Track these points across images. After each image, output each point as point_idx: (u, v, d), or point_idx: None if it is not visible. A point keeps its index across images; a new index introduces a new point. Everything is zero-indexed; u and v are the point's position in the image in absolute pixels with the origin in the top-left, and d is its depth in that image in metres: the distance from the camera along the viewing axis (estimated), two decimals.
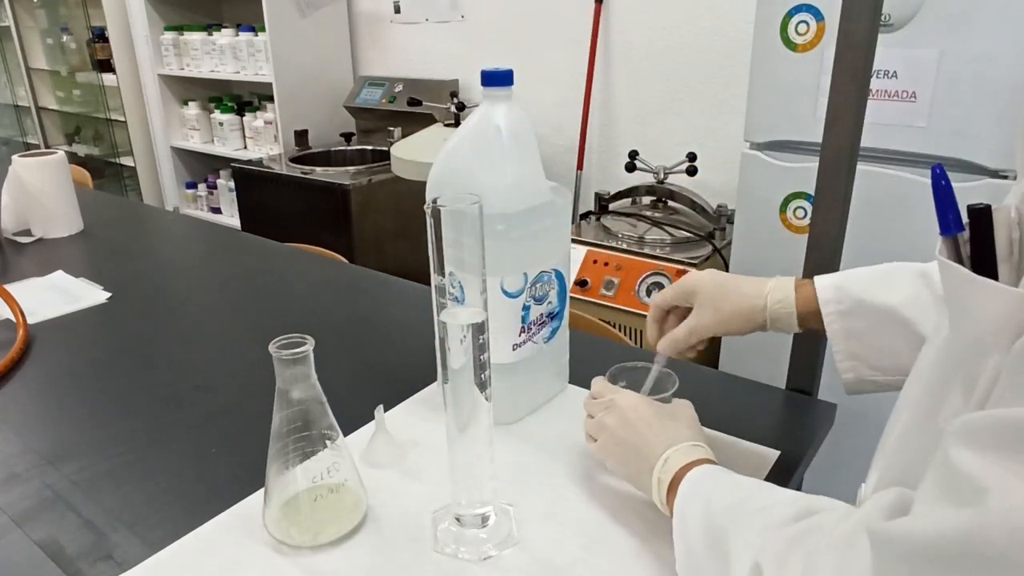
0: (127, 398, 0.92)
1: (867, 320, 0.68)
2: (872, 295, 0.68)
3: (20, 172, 1.49)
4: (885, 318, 0.67)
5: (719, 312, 0.72)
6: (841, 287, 0.69)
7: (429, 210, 0.57)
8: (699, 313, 0.73)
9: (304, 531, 0.66)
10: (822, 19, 1.41)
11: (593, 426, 0.70)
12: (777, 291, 0.71)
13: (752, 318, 0.71)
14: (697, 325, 0.73)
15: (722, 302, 0.72)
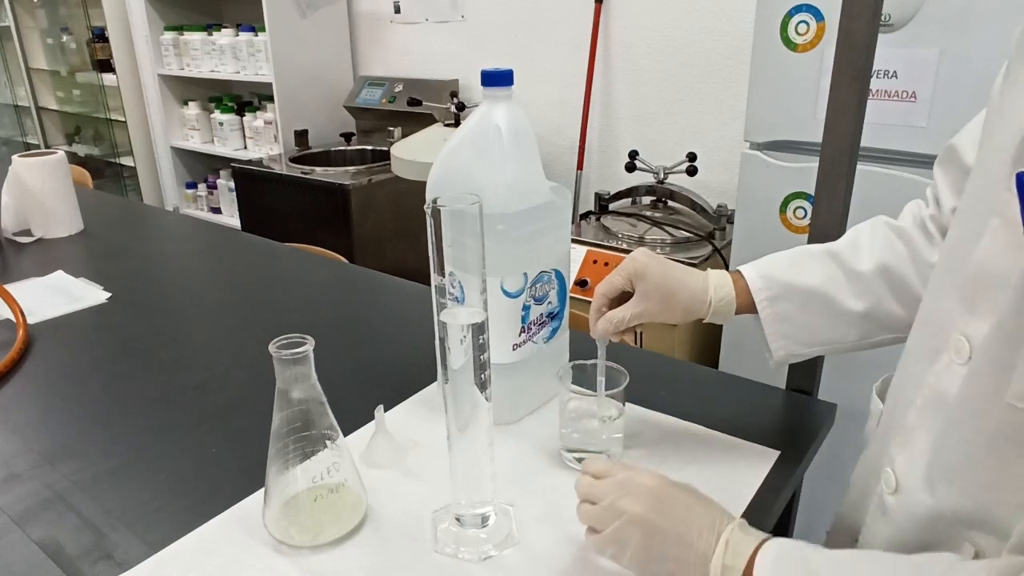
0: (127, 398, 0.92)
1: (794, 302, 0.73)
2: (796, 279, 0.73)
3: (20, 172, 1.49)
4: (809, 298, 0.73)
5: (665, 304, 0.73)
6: (767, 275, 0.74)
7: (429, 210, 0.57)
8: (644, 300, 0.73)
9: (304, 531, 0.66)
10: (822, 19, 1.41)
11: (598, 514, 0.59)
12: (720, 288, 0.74)
13: (695, 311, 0.74)
14: (643, 312, 0.73)
15: (669, 297, 0.73)
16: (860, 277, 0.71)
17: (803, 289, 0.73)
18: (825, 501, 1.69)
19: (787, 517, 0.89)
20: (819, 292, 0.72)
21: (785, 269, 0.74)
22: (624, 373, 0.75)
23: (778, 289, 0.73)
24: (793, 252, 0.76)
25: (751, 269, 0.75)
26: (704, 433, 0.82)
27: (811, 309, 0.73)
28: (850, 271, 0.72)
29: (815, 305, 0.72)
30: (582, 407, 0.77)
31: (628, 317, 0.73)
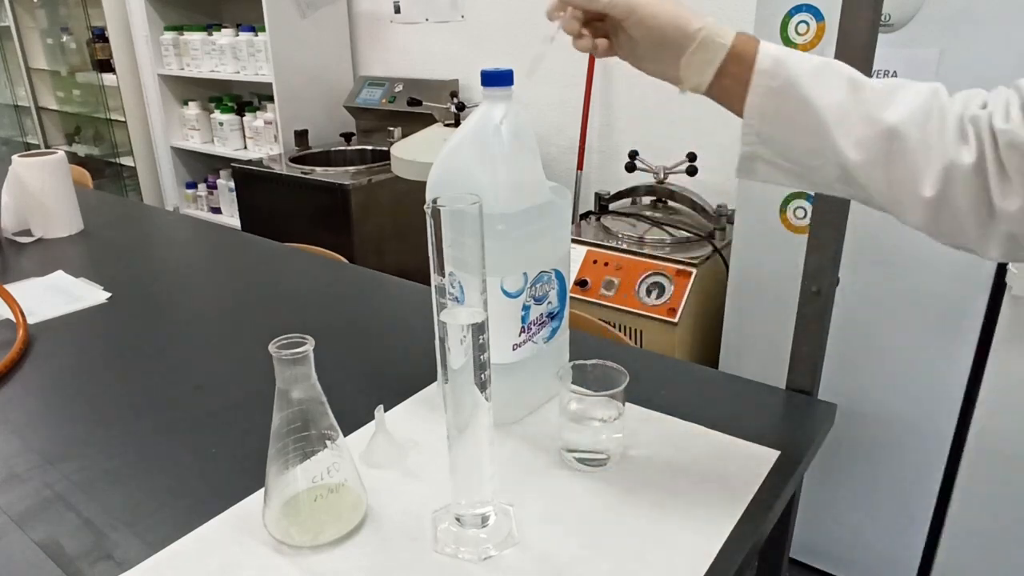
0: (127, 398, 0.92)
1: (790, 107, 0.62)
2: (807, 87, 0.61)
3: (20, 172, 1.49)
4: (806, 114, 0.61)
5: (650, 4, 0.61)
6: (782, 63, 0.61)
7: (429, 210, 0.57)
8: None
9: (304, 531, 0.66)
10: (822, 19, 1.41)
11: None
12: (716, 23, 0.63)
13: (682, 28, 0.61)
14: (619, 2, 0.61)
15: None
16: (872, 126, 0.59)
17: (806, 100, 0.61)
18: (825, 501, 1.69)
19: (787, 517, 0.89)
20: (820, 115, 0.61)
21: (803, 70, 0.61)
22: (624, 373, 0.75)
23: (783, 83, 0.61)
24: (818, 61, 0.62)
25: (770, 47, 0.62)
26: (704, 433, 0.82)
27: (801, 125, 0.62)
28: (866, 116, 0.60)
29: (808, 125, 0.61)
30: (582, 407, 0.77)
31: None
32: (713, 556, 0.64)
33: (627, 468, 0.76)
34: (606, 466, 0.76)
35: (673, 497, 0.72)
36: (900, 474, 1.55)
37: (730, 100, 0.64)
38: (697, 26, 0.61)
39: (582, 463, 0.76)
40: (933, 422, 1.48)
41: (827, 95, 0.60)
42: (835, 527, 1.68)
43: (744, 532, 0.67)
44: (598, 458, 0.76)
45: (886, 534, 1.62)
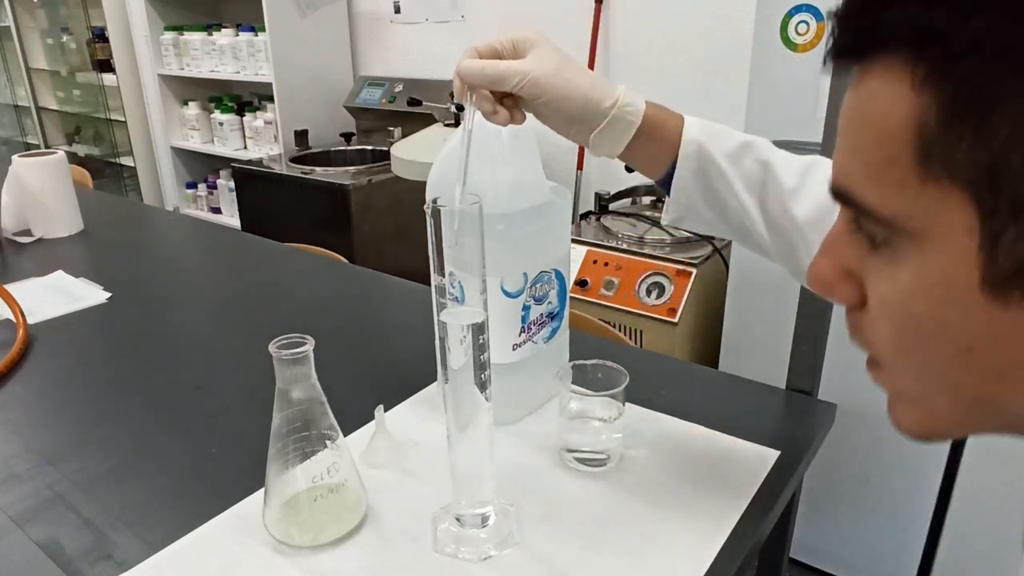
0: (127, 398, 0.92)
1: (713, 191, 0.66)
2: (728, 174, 0.65)
3: (20, 172, 1.49)
4: (727, 198, 0.66)
5: (559, 74, 0.60)
6: (704, 149, 0.65)
7: (429, 210, 0.57)
8: (535, 62, 0.60)
9: (304, 531, 0.66)
10: (822, 19, 1.41)
11: None
12: (628, 96, 0.63)
13: (594, 101, 0.61)
14: (528, 74, 0.59)
15: (568, 68, 0.61)
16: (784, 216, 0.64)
17: (729, 190, 0.65)
18: (825, 501, 1.69)
19: (787, 517, 0.89)
20: (741, 202, 0.65)
21: (724, 154, 0.66)
22: (624, 373, 0.75)
23: (704, 164, 0.65)
24: (739, 144, 0.67)
25: (694, 128, 0.66)
26: (704, 433, 0.82)
27: (722, 202, 0.66)
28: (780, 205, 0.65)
29: (728, 201, 0.66)
30: (582, 407, 0.77)
31: (507, 69, 0.59)
32: (713, 556, 0.64)
33: (627, 468, 0.76)
34: (606, 466, 0.76)
35: (673, 497, 0.72)
36: (900, 474, 1.55)
37: (644, 167, 0.68)
38: (607, 104, 0.62)
39: (582, 463, 0.76)
40: None
41: (745, 179, 0.65)
42: (835, 527, 1.68)
43: (744, 532, 0.67)
44: (598, 458, 0.76)
45: (886, 534, 1.62)
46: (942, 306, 0.33)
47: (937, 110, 0.30)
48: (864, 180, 0.34)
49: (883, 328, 0.37)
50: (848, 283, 0.38)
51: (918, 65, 0.30)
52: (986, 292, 0.31)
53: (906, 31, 0.31)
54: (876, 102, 0.33)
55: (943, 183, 0.31)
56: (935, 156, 0.31)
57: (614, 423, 0.76)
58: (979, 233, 0.30)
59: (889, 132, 0.32)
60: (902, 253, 0.34)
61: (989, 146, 0.29)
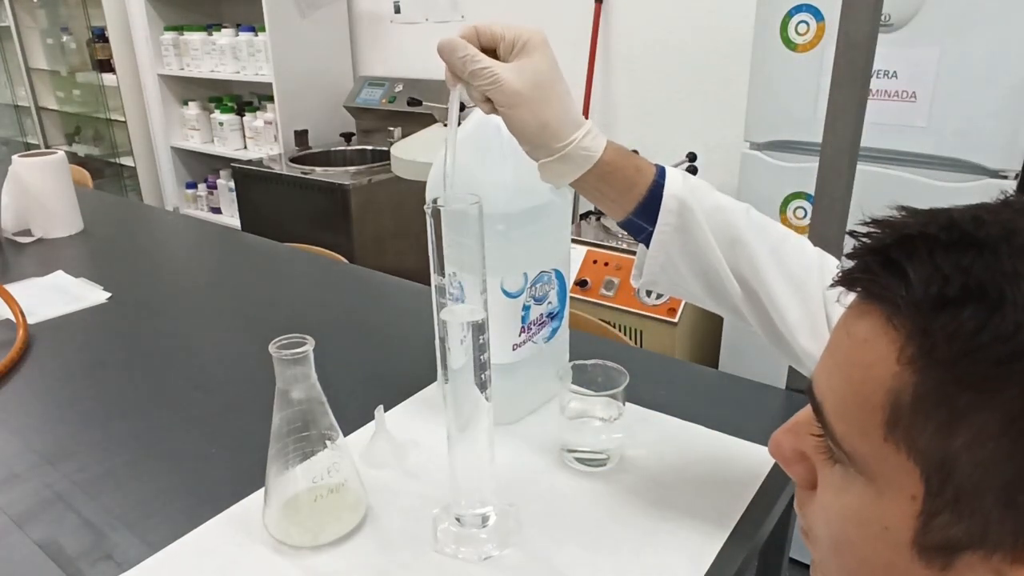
0: (127, 398, 0.92)
1: (692, 247, 0.64)
2: (708, 231, 0.64)
3: (20, 172, 1.49)
4: (706, 255, 0.64)
5: (531, 97, 0.59)
6: (686, 206, 0.63)
7: (429, 210, 0.57)
8: (516, 72, 0.58)
9: (304, 531, 0.66)
10: (822, 19, 1.41)
11: None
12: (588, 139, 0.61)
13: (558, 127, 0.60)
14: (501, 81, 0.58)
15: (540, 92, 0.59)
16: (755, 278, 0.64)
17: (709, 246, 0.64)
18: None
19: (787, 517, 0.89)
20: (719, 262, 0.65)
21: (704, 211, 0.63)
22: (624, 373, 0.75)
23: (686, 222, 0.63)
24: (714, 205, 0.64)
25: (676, 183, 0.63)
26: (704, 433, 0.82)
27: (699, 266, 0.65)
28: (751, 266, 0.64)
29: (704, 265, 0.65)
30: (582, 407, 0.77)
31: (486, 65, 0.58)
32: (713, 556, 0.64)
33: (627, 468, 0.76)
34: (606, 466, 0.76)
35: (673, 497, 0.72)
36: None
37: (601, 204, 0.65)
38: (561, 143, 0.60)
39: (582, 463, 0.76)
40: None
41: (721, 238, 0.64)
42: None
43: (744, 532, 0.67)
44: (598, 458, 0.76)
45: None
46: (875, 541, 0.35)
47: (913, 393, 0.32)
48: (835, 410, 0.36)
49: (820, 526, 0.39)
50: (803, 465, 0.40)
51: (909, 345, 0.32)
52: (914, 550, 0.34)
53: (907, 312, 0.32)
54: (867, 349, 0.34)
55: (902, 452, 0.33)
56: (901, 429, 0.33)
57: (614, 423, 0.76)
58: (921, 503, 0.33)
59: (868, 385, 0.34)
60: (852, 481, 0.36)
61: (947, 444, 0.31)
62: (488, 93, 0.59)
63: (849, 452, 0.35)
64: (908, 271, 0.32)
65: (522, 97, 0.58)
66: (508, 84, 0.58)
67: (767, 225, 0.67)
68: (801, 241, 0.68)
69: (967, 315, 0.30)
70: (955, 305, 0.30)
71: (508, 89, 0.58)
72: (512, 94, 0.58)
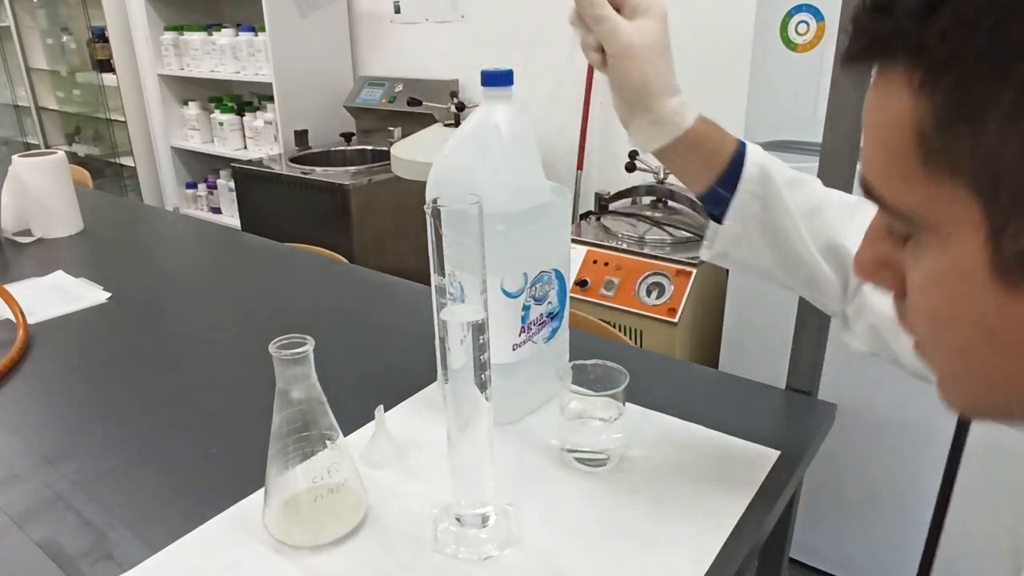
0: (127, 398, 0.92)
1: (770, 216, 0.66)
2: (787, 198, 0.65)
3: (20, 172, 1.49)
4: (784, 224, 0.66)
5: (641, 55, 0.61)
6: (767, 172, 0.65)
7: (429, 210, 0.57)
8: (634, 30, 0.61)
9: (304, 531, 0.66)
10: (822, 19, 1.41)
11: None
12: (682, 107, 0.64)
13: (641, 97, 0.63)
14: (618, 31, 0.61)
15: (651, 54, 0.62)
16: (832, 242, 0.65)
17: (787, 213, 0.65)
18: (825, 501, 1.69)
19: (787, 517, 0.89)
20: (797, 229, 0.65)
21: (783, 182, 0.66)
22: (624, 373, 0.75)
23: (765, 190, 0.65)
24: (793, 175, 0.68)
25: (757, 153, 0.66)
26: (704, 433, 0.82)
27: (776, 233, 0.66)
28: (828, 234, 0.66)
29: (783, 233, 0.65)
30: (582, 407, 0.77)
31: (607, 21, 0.61)
32: (713, 556, 0.64)
33: (627, 468, 0.76)
34: (606, 466, 0.76)
35: (673, 497, 0.72)
36: (900, 474, 1.55)
37: (682, 175, 0.68)
38: (656, 105, 0.63)
39: (582, 463, 0.76)
40: (933, 422, 1.48)
41: (801, 207, 0.66)
42: (835, 527, 1.68)
43: (744, 532, 0.67)
44: (598, 458, 0.76)
45: (886, 534, 1.62)
46: (959, 294, 0.35)
47: (932, 113, 0.32)
48: (879, 176, 0.37)
49: (917, 315, 0.39)
50: (887, 271, 0.40)
51: (914, 73, 0.33)
52: (996, 280, 0.33)
53: (900, 43, 0.33)
54: (884, 104, 0.35)
55: (946, 180, 0.33)
56: (935, 155, 0.33)
57: (614, 423, 0.76)
58: (985, 226, 0.32)
59: (894, 133, 0.34)
60: (923, 245, 0.36)
61: (982, 146, 0.31)
62: (605, 41, 0.62)
63: (906, 213, 0.36)
64: (890, 6, 0.33)
65: (634, 51, 0.61)
66: (625, 36, 0.61)
67: (843, 194, 0.69)
68: None
69: (949, 8, 0.30)
70: (937, 5, 0.31)
71: (624, 40, 0.61)
72: (627, 46, 0.61)
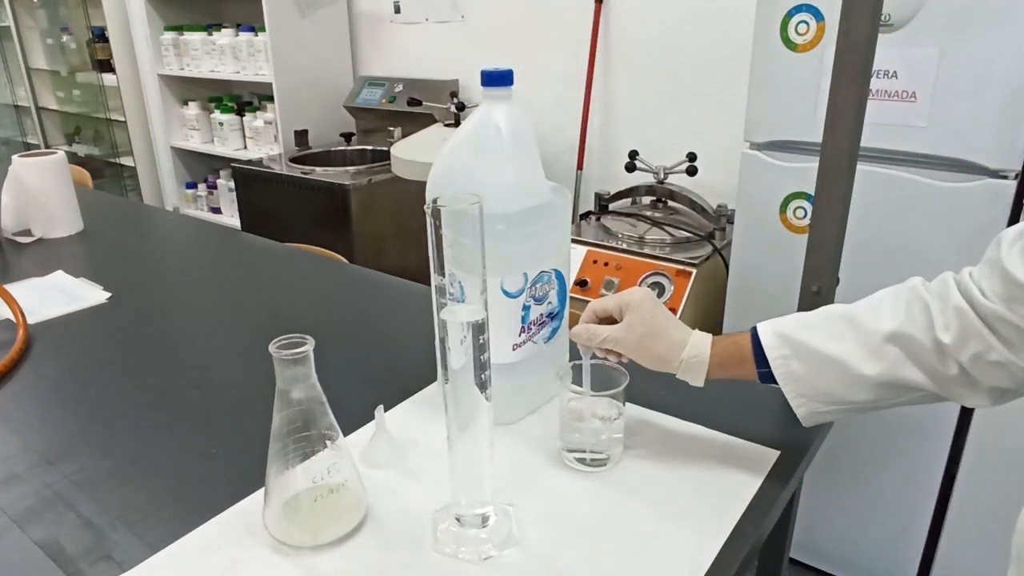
0: (127, 398, 0.92)
1: (805, 363, 0.71)
2: (808, 339, 0.72)
3: (20, 172, 1.49)
4: (821, 361, 0.71)
5: (642, 343, 0.75)
6: (781, 334, 0.73)
7: (429, 210, 0.57)
8: (626, 330, 0.75)
9: (304, 531, 0.66)
10: (822, 19, 1.41)
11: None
12: (696, 347, 0.75)
13: (668, 362, 0.75)
14: (620, 339, 0.75)
15: (649, 337, 0.75)
16: (873, 339, 0.68)
17: (814, 350, 0.71)
18: (825, 501, 1.69)
19: (787, 517, 0.89)
20: (830, 355, 0.70)
21: (799, 329, 0.73)
22: (624, 373, 0.75)
23: (790, 348, 0.72)
24: (811, 313, 0.74)
25: (767, 326, 0.74)
26: (704, 433, 0.82)
27: (823, 371, 0.71)
28: (865, 333, 0.69)
29: (828, 368, 0.70)
30: (582, 407, 0.77)
31: (604, 335, 0.75)
32: (713, 556, 0.64)
33: (627, 468, 0.76)
34: (606, 466, 0.76)
35: (673, 497, 0.72)
36: (900, 474, 1.55)
37: (740, 377, 0.75)
38: (676, 362, 0.74)
39: (582, 463, 0.76)
40: (933, 422, 1.48)
41: (829, 338, 0.71)
42: (835, 527, 1.68)
43: (744, 532, 0.67)
44: (598, 458, 0.76)
45: (886, 534, 1.62)
46: None
47: None
48: None
49: None
50: None
51: None
52: None
53: None
54: None
55: None
56: None
57: (614, 423, 0.76)
58: None
59: None
60: None
61: None
62: (613, 350, 0.76)
63: None
64: None
65: (637, 344, 0.75)
66: (624, 339, 0.75)
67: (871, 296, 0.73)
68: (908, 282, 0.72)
69: None
70: None
71: (624, 341, 0.75)
72: (628, 344, 0.75)
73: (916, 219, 1.39)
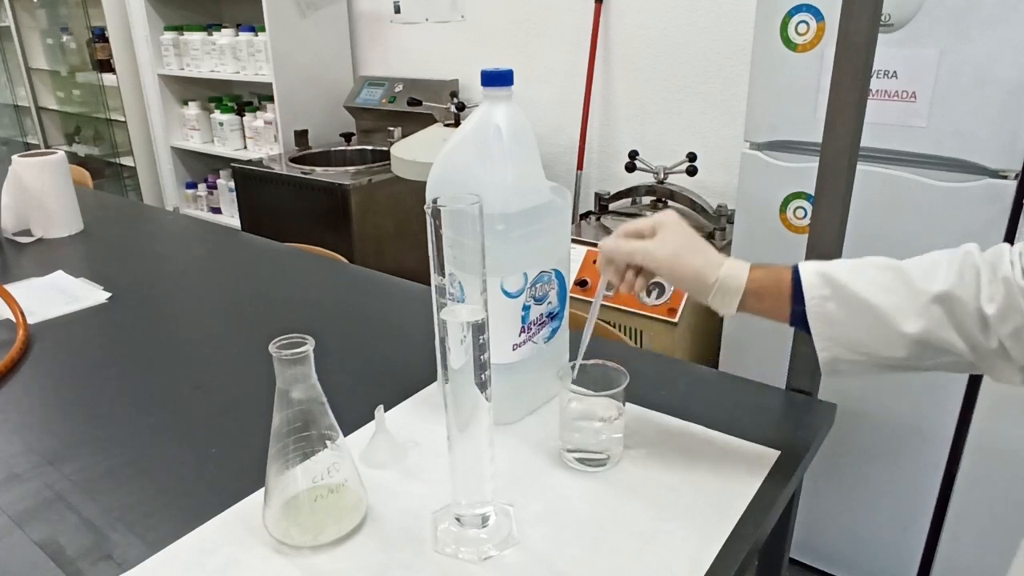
0: (127, 398, 0.92)
1: (844, 307, 0.69)
2: (853, 283, 0.69)
3: (20, 172, 1.49)
4: (861, 307, 0.68)
5: (678, 260, 0.73)
6: (826, 274, 0.70)
7: (429, 210, 0.57)
8: (661, 246, 0.73)
9: (304, 531, 0.66)
10: (822, 19, 1.41)
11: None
12: (732, 268, 0.73)
13: (703, 279, 0.72)
14: (656, 254, 0.73)
15: (685, 253, 0.73)
16: (922, 298, 0.66)
17: (856, 296, 0.68)
18: (825, 501, 1.69)
19: (787, 517, 0.89)
20: (873, 304, 0.67)
21: (845, 272, 0.70)
22: (624, 373, 0.75)
23: (831, 290, 0.69)
24: (860, 260, 0.71)
25: (810, 265, 0.71)
26: (704, 433, 0.82)
27: (860, 319, 0.68)
28: (915, 291, 0.67)
29: (866, 317, 0.68)
30: (582, 407, 0.77)
31: (636, 247, 0.73)
32: (713, 556, 0.64)
33: (627, 468, 0.76)
34: (606, 466, 0.76)
35: (673, 497, 0.72)
36: (900, 474, 1.55)
37: (770, 316, 0.73)
38: (712, 280, 0.72)
39: (582, 463, 0.76)
40: (933, 422, 1.48)
41: (875, 287, 0.68)
42: (835, 527, 1.68)
43: (744, 532, 0.67)
44: (598, 458, 0.76)
45: (886, 534, 1.62)
46: None
47: None
48: None
49: None
50: None
51: None
52: None
53: None
54: None
55: None
56: None
57: (614, 423, 0.76)
58: None
59: None
60: None
61: None
62: (646, 264, 0.74)
63: None
64: None
65: (671, 259, 0.73)
66: (658, 252, 0.73)
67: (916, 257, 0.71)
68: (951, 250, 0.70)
69: None
70: None
71: (659, 255, 0.73)
72: (662, 259, 0.73)
73: (916, 219, 1.39)
